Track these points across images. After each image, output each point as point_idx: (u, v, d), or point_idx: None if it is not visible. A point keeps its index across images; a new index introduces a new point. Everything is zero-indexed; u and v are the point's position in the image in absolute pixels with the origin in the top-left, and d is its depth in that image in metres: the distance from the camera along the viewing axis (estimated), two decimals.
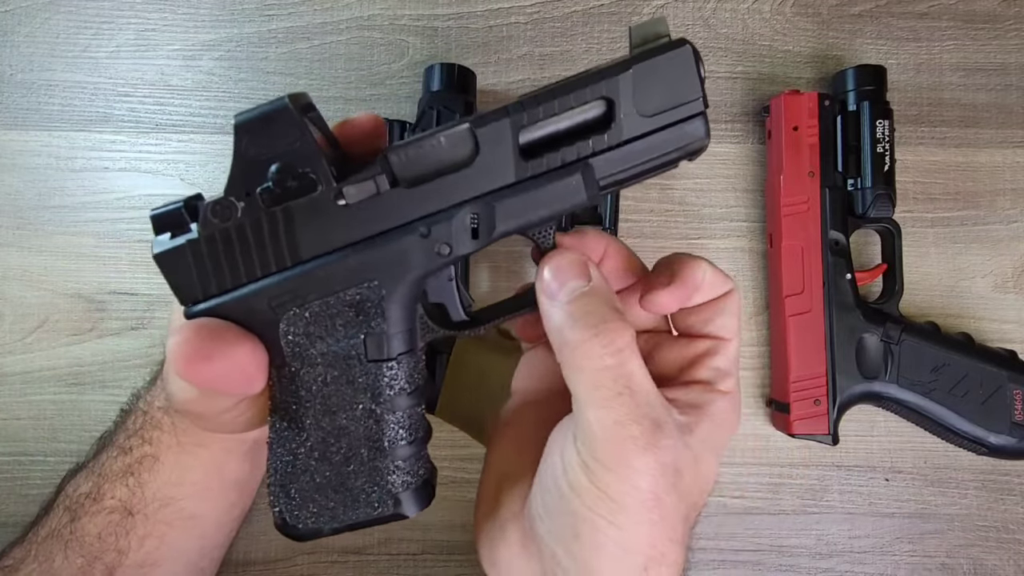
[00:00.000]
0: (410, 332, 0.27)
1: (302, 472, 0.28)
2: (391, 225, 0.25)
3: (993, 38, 0.49)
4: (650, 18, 0.27)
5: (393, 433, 0.27)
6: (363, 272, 0.26)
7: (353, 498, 0.28)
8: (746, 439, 0.46)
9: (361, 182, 0.25)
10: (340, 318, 0.26)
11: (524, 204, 0.25)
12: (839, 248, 0.43)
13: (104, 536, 0.35)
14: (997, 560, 0.45)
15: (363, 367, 0.26)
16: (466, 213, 0.25)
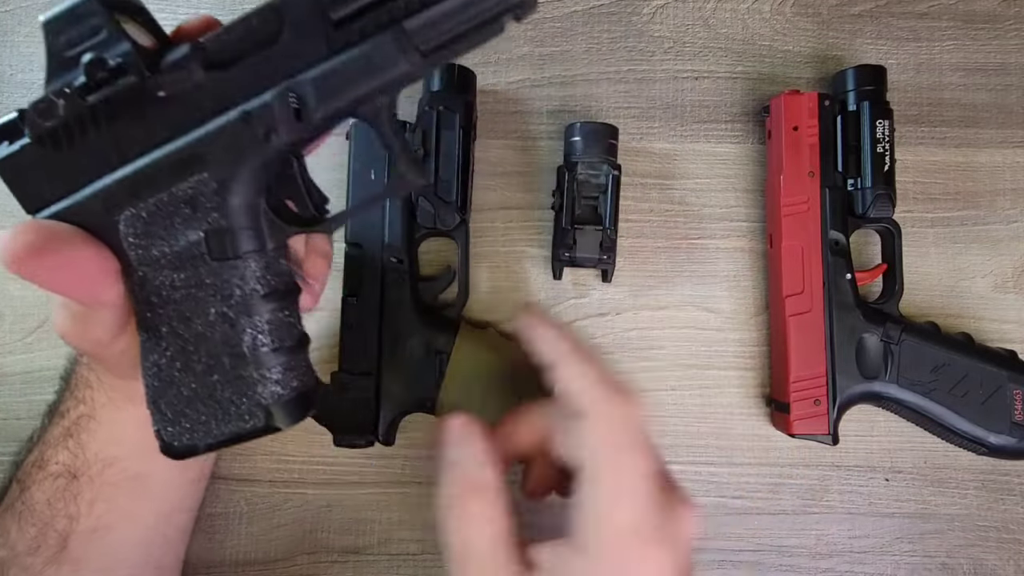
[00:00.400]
0: (255, 230, 0.26)
1: (168, 385, 0.27)
2: (210, 113, 0.25)
3: (993, 38, 0.49)
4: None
5: (252, 339, 0.26)
6: (191, 165, 0.25)
7: (223, 411, 0.27)
8: (746, 439, 0.46)
9: (175, 70, 0.25)
10: (177, 216, 0.25)
11: (340, 79, 0.24)
12: (839, 248, 0.44)
13: (53, 502, 0.35)
14: (997, 560, 0.45)
15: (208, 267, 0.26)
16: (284, 93, 0.24)
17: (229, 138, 0.25)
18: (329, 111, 0.25)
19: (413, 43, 0.24)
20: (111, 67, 0.24)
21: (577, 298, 0.47)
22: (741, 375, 0.46)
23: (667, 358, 0.46)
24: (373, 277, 0.42)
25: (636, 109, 0.48)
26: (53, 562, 0.34)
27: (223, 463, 0.45)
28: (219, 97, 0.25)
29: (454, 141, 0.42)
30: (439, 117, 0.42)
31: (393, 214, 0.43)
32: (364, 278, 0.42)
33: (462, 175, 0.43)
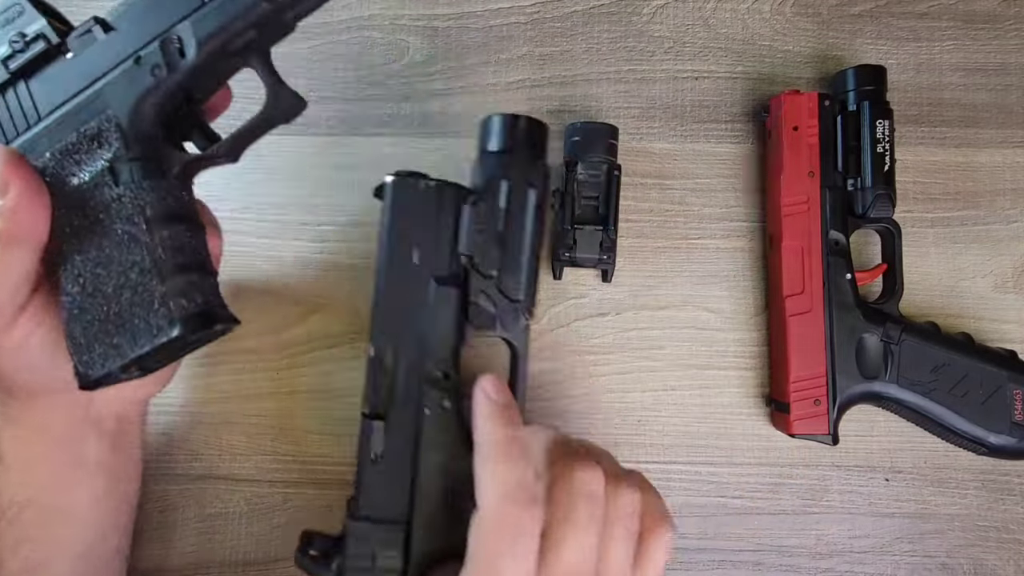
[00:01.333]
0: (153, 159, 0.31)
1: (81, 312, 0.30)
2: (111, 65, 0.30)
3: (993, 38, 0.49)
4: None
5: (156, 256, 0.30)
6: (95, 104, 0.30)
7: (134, 329, 0.30)
8: (746, 439, 0.46)
9: (81, 35, 0.31)
10: (85, 150, 0.30)
11: (211, 20, 0.29)
12: (839, 248, 0.44)
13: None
14: (997, 560, 0.45)
15: (112, 191, 0.30)
16: (166, 37, 0.30)
17: (125, 78, 0.30)
18: (205, 49, 0.30)
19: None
20: (28, 37, 0.30)
21: (577, 298, 0.47)
22: (741, 375, 0.46)
23: (667, 358, 0.46)
24: (407, 395, 0.34)
25: (636, 109, 0.48)
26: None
27: (223, 463, 0.45)
28: (116, 52, 0.30)
29: (528, 224, 0.36)
30: (511, 191, 0.36)
31: (442, 313, 0.34)
32: (395, 396, 0.34)
33: (531, 265, 0.36)
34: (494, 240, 0.35)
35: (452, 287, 0.35)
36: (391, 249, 0.35)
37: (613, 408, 0.46)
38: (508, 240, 0.35)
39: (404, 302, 0.35)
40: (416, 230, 0.35)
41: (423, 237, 0.35)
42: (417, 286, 0.35)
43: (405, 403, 0.34)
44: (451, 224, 0.35)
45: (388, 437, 0.33)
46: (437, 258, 0.35)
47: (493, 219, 0.35)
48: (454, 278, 0.35)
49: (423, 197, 0.35)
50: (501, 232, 0.35)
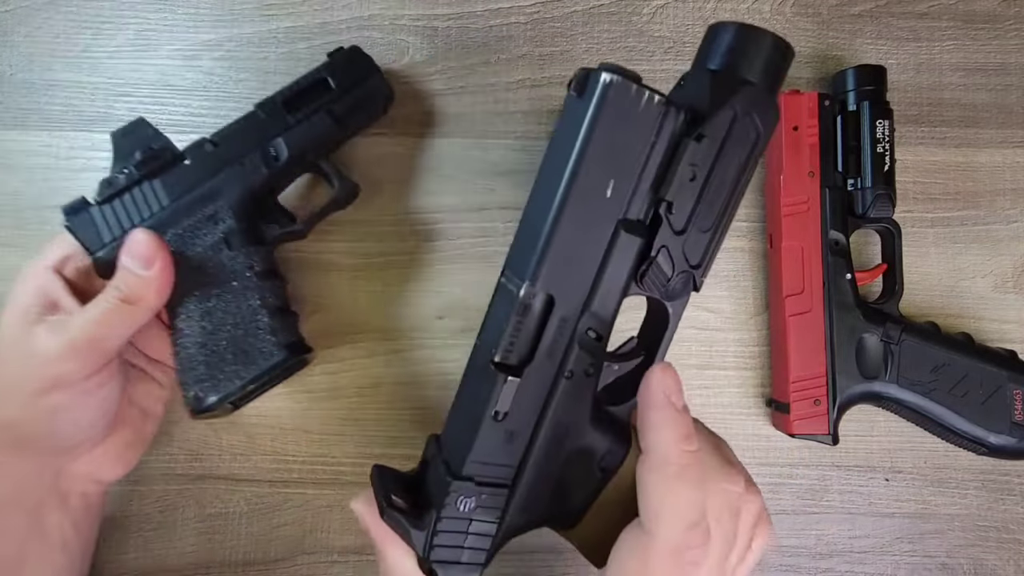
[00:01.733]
0: (254, 231, 0.41)
1: (201, 348, 0.39)
2: (221, 167, 0.41)
3: (993, 38, 0.49)
4: None
5: (264, 299, 0.40)
6: (211, 194, 0.40)
7: (249, 357, 0.39)
8: (746, 439, 0.46)
9: (195, 147, 0.41)
10: (204, 228, 0.40)
11: (297, 135, 0.41)
12: (839, 248, 0.44)
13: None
14: (997, 560, 0.45)
15: (227, 253, 0.40)
16: (265, 147, 0.41)
17: (234, 175, 0.41)
18: (292, 155, 0.41)
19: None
20: (156, 149, 0.40)
21: None
22: (741, 375, 0.46)
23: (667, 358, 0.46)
24: (552, 352, 0.29)
25: None
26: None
27: (223, 463, 0.45)
28: (225, 158, 0.41)
29: (738, 173, 0.30)
30: (733, 127, 0.29)
31: (618, 264, 0.29)
32: (538, 350, 0.29)
33: (725, 225, 0.31)
34: (699, 188, 0.29)
35: (638, 236, 0.28)
36: (585, 171, 0.27)
37: None
38: (709, 189, 0.29)
39: (579, 241, 0.28)
40: (621, 155, 0.27)
41: (626, 166, 0.27)
42: (600, 225, 0.28)
43: (547, 360, 0.29)
44: (662, 158, 0.28)
45: (518, 395, 0.28)
46: (634, 197, 0.28)
47: (705, 162, 0.28)
48: (640, 225, 0.29)
49: (644, 115, 0.27)
50: (706, 178, 0.29)
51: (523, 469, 0.29)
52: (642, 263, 0.29)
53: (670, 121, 0.28)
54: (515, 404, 0.28)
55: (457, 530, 0.29)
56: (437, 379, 0.46)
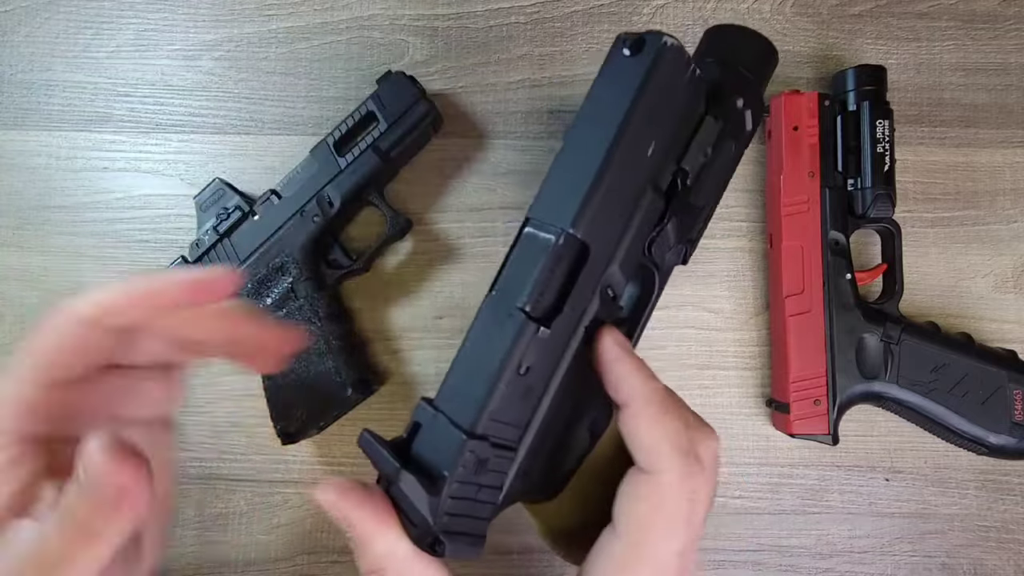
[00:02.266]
0: (318, 277, 0.44)
1: (280, 389, 0.44)
2: (285, 219, 0.44)
3: (993, 38, 0.49)
4: None
5: (329, 342, 0.43)
6: (278, 246, 0.44)
7: (318, 400, 0.43)
8: (746, 439, 0.46)
9: (263, 202, 0.45)
10: (274, 279, 0.44)
11: (347, 179, 0.44)
12: (839, 248, 0.43)
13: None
14: (997, 560, 0.45)
15: (296, 303, 0.44)
16: (321, 197, 0.44)
17: (296, 225, 0.44)
18: (345, 199, 0.44)
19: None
20: (229, 209, 0.45)
21: None
22: (741, 375, 0.46)
23: (667, 358, 0.46)
24: (577, 305, 0.27)
25: None
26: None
27: (223, 463, 0.45)
28: (288, 210, 0.44)
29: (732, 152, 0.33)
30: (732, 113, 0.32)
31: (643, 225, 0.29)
32: (566, 303, 0.27)
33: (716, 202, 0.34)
34: (706, 165, 0.31)
35: (662, 199, 0.30)
36: (635, 125, 0.27)
37: None
38: (712, 168, 0.31)
39: (618, 194, 0.27)
40: (665, 117, 0.28)
41: (666, 129, 0.29)
42: (637, 182, 0.28)
43: (572, 313, 0.27)
44: (691, 130, 0.30)
45: (543, 348, 0.27)
46: (665, 161, 0.29)
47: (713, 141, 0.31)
48: (661, 191, 0.30)
49: (689, 84, 0.29)
50: (713, 157, 0.31)
51: (529, 429, 0.28)
52: (654, 229, 0.30)
53: (702, 96, 0.30)
54: (538, 358, 0.27)
55: (466, 496, 0.26)
56: (437, 379, 0.46)
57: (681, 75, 0.28)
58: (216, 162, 0.47)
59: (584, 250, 0.27)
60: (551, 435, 0.29)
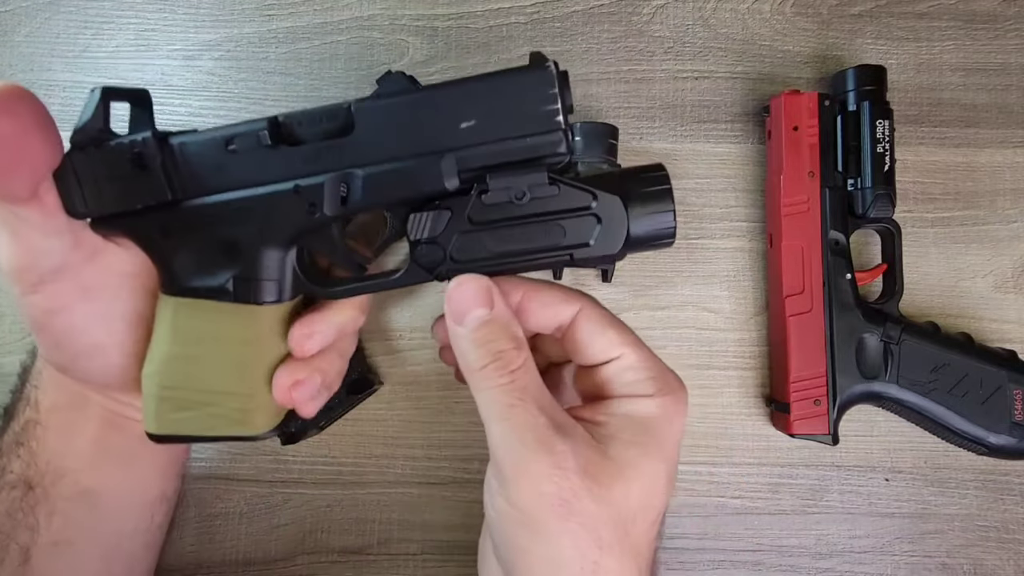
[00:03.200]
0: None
1: None
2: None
3: (993, 38, 0.49)
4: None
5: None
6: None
7: None
8: (746, 439, 0.46)
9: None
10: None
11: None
12: (839, 248, 0.44)
13: (12, 513, 0.33)
14: (997, 560, 0.45)
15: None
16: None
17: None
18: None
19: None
20: None
21: None
22: (741, 375, 0.46)
23: (667, 358, 0.46)
24: (315, 158, 0.29)
25: (636, 109, 0.48)
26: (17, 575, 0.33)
27: (223, 463, 0.45)
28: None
29: None
30: None
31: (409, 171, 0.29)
32: (315, 152, 0.29)
33: None
34: (512, 213, 0.30)
35: (448, 180, 0.29)
36: (463, 91, 0.30)
37: None
38: (518, 226, 0.31)
39: (406, 124, 0.29)
40: (499, 117, 0.29)
41: (493, 126, 0.29)
42: (430, 130, 0.29)
43: (301, 155, 0.29)
44: (521, 160, 0.30)
45: (254, 147, 0.29)
46: (475, 154, 0.29)
47: (536, 205, 0.30)
48: (455, 174, 0.29)
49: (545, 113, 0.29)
50: (523, 216, 0.30)
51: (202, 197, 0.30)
52: (426, 200, 0.29)
53: (555, 144, 0.28)
54: (246, 149, 0.29)
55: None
56: (437, 379, 0.46)
57: (542, 95, 0.28)
58: None
59: (350, 126, 0.28)
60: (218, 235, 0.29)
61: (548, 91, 0.28)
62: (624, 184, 0.30)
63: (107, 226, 0.30)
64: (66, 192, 0.29)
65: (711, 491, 0.45)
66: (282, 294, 0.31)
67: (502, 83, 0.28)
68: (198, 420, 0.31)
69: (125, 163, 0.29)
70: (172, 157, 0.29)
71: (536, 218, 0.29)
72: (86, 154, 0.29)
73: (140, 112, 0.31)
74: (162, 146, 0.29)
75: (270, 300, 0.30)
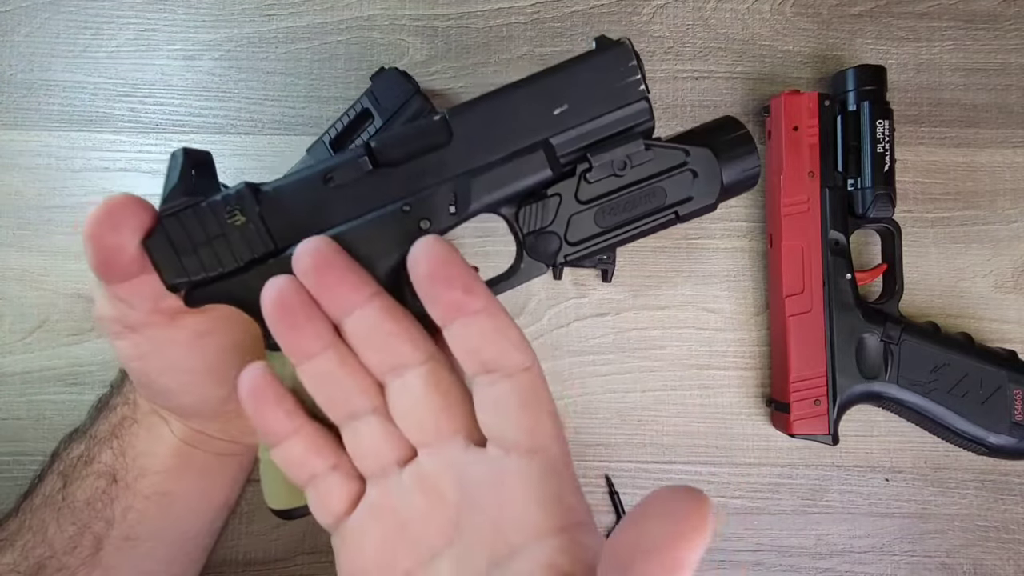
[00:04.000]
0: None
1: None
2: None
3: (993, 38, 0.49)
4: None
5: None
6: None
7: None
8: (746, 439, 0.46)
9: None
10: None
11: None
12: (839, 248, 0.44)
13: (92, 503, 0.35)
14: (997, 560, 0.45)
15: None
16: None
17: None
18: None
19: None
20: None
21: (577, 298, 0.47)
22: (741, 375, 0.46)
23: (667, 358, 0.46)
24: (421, 176, 0.29)
25: None
26: (87, 564, 0.34)
27: None
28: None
29: None
30: None
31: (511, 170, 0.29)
32: (419, 169, 0.29)
33: None
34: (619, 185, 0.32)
35: (551, 170, 0.30)
36: (551, 81, 0.30)
37: (613, 408, 0.46)
38: (626, 196, 0.32)
39: (506, 122, 0.30)
40: (589, 98, 0.30)
41: (585, 108, 0.30)
42: (528, 125, 0.30)
43: (403, 177, 0.29)
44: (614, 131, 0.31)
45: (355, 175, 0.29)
46: (573, 138, 0.30)
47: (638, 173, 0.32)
48: (557, 162, 0.30)
49: (628, 86, 0.30)
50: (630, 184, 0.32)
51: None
52: (533, 190, 0.30)
53: (642, 113, 0.30)
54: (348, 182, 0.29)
55: None
56: None
57: (623, 69, 0.29)
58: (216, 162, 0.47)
59: (448, 136, 0.29)
60: None
61: (629, 64, 0.29)
62: (708, 137, 0.32)
63: (205, 297, 0.29)
64: (163, 262, 0.28)
65: (711, 491, 0.45)
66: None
67: (585, 66, 0.29)
68: None
69: (222, 220, 0.28)
70: (269, 204, 0.28)
71: (639, 185, 0.31)
72: (179, 219, 0.28)
73: (206, 176, 0.31)
74: (257, 195, 0.28)
75: None
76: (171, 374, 0.32)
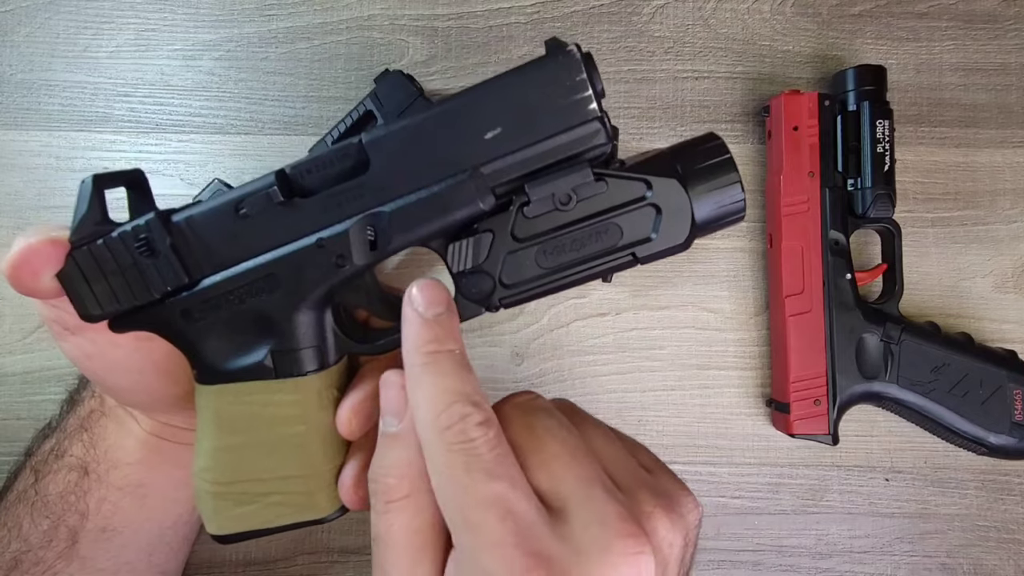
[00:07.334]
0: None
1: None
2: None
3: (993, 38, 0.49)
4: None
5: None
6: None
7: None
8: (746, 439, 0.46)
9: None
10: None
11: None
12: (839, 248, 0.44)
13: (65, 496, 0.35)
14: (997, 560, 0.45)
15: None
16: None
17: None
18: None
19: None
20: None
21: (577, 298, 0.47)
22: (741, 375, 0.46)
23: (667, 358, 0.46)
24: (335, 208, 0.27)
25: (636, 109, 0.48)
26: (63, 557, 0.34)
27: None
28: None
29: None
30: None
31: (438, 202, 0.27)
32: (334, 200, 0.27)
33: None
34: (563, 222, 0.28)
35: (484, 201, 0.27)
36: (481, 98, 0.27)
37: (613, 408, 0.46)
38: (569, 234, 0.28)
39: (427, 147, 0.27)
40: (527, 119, 0.27)
41: (521, 129, 0.27)
42: (455, 151, 0.27)
43: (317, 207, 0.27)
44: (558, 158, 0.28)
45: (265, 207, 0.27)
46: (507, 166, 0.27)
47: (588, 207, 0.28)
48: (489, 191, 0.27)
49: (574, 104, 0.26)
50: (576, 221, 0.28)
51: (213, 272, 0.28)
52: (462, 228, 0.27)
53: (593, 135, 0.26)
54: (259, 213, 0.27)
55: None
56: None
57: (569, 84, 0.25)
58: (216, 162, 0.47)
59: (365, 163, 0.26)
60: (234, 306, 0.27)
61: (575, 78, 0.25)
62: (678, 163, 0.27)
63: (126, 324, 0.28)
64: (76, 296, 0.27)
65: (711, 491, 0.45)
66: (326, 359, 0.28)
67: (522, 80, 0.25)
68: (261, 512, 0.28)
69: (132, 252, 0.27)
70: (181, 235, 0.27)
71: (588, 221, 0.26)
72: (89, 251, 0.27)
73: (138, 194, 0.29)
74: (168, 225, 0.27)
75: (314, 368, 0.28)
76: (119, 373, 0.32)
